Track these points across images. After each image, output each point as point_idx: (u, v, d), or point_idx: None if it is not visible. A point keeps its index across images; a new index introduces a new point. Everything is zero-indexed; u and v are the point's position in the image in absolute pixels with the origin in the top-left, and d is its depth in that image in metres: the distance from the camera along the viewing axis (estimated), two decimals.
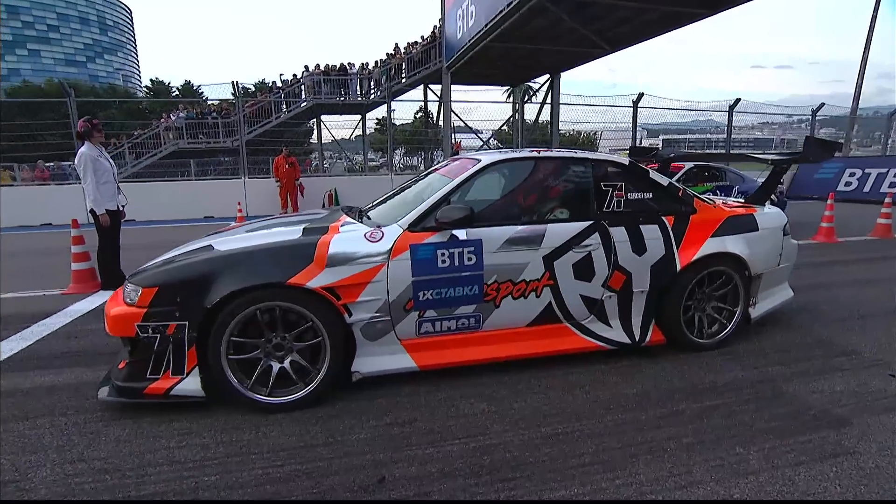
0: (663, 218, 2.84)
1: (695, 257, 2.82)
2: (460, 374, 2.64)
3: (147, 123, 18.73)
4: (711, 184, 7.52)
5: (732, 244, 2.93)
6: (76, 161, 4.48)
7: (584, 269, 2.67)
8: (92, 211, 4.51)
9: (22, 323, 3.65)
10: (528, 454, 1.96)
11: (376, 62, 19.28)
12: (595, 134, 18.62)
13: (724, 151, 5.37)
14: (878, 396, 2.41)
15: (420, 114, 23.14)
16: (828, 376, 2.64)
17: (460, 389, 2.52)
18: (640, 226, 2.78)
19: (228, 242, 2.52)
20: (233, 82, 11.40)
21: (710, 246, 2.87)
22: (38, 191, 11.68)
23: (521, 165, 2.87)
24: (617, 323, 2.84)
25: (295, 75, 19.30)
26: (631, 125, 14.80)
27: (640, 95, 12.41)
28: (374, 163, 26.55)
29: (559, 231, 2.63)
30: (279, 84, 19.53)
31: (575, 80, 27.53)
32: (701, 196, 3.18)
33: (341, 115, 20.90)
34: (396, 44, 19.35)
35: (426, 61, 18.43)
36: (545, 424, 2.18)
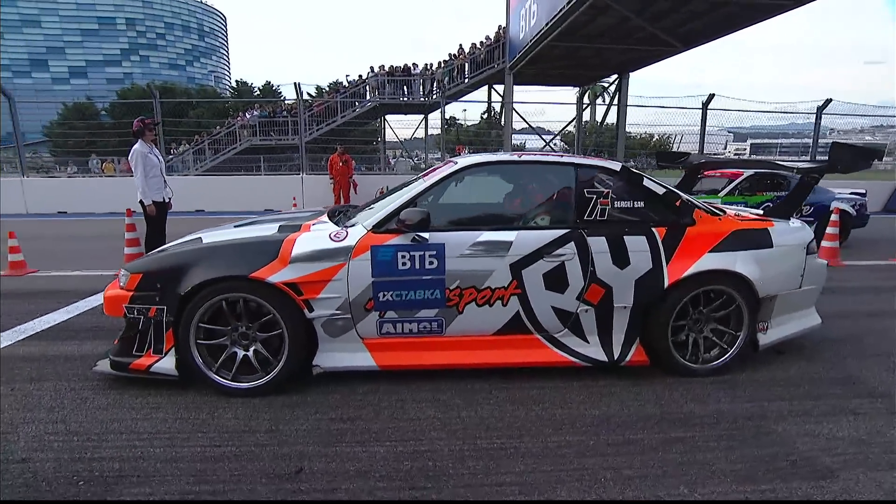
0: (653, 229, 2.63)
1: (685, 273, 2.58)
2: (425, 377, 2.64)
3: (228, 121, 20.51)
4: (772, 193, 6.77)
5: (734, 261, 2.64)
6: (129, 156, 5.04)
7: (556, 280, 2.55)
8: (141, 202, 5.05)
9: (73, 298, 4.20)
10: (451, 466, 1.93)
11: (440, 63, 19.57)
12: (668, 137, 17.53)
13: (756, 158, 4.84)
14: (886, 449, 2.06)
15: (487, 115, 23.21)
16: (834, 419, 2.30)
17: (417, 393, 2.52)
18: (625, 236, 2.59)
19: (214, 236, 2.73)
20: (295, 84, 12.14)
21: (707, 262, 2.61)
22: (127, 182, 13.26)
23: (500, 169, 2.81)
24: (595, 339, 2.68)
25: (360, 76, 20.12)
26: (710, 128, 13.69)
27: (711, 97, 11.45)
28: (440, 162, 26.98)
29: (529, 238, 2.53)
30: (346, 84, 20.44)
31: (655, 80, 26.01)
32: (709, 206, 2.90)
33: (405, 114, 21.52)
34: (461, 44, 19.50)
35: (489, 62, 18.43)
36: (484, 437, 2.12)
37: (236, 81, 38.39)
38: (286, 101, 21.63)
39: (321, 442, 2.09)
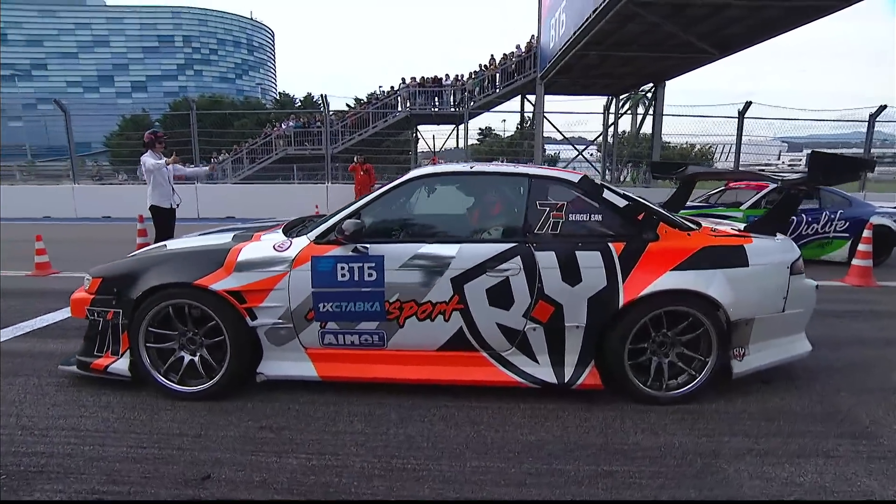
0: (609, 244, 2.50)
1: (642, 293, 2.42)
2: (369, 390, 2.62)
3: (265, 132, 21.48)
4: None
5: (699, 280, 2.46)
6: (143, 165, 5.36)
7: (500, 296, 2.47)
8: (151, 207, 5.36)
9: None
10: (355, 484, 1.89)
11: (470, 73, 19.72)
12: (711, 148, 16.80)
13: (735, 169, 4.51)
14: (854, 496, 1.83)
15: (520, 125, 23.16)
16: (802, 461, 2.08)
17: (355, 406, 2.50)
18: (577, 252, 2.47)
19: (177, 244, 2.85)
20: (322, 96, 12.58)
21: (667, 281, 2.45)
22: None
23: (451, 180, 2.77)
24: (546, 359, 2.56)
25: (392, 87, 20.60)
26: (761, 138, 12.94)
27: (747, 105, 10.88)
28: None
29: (472, 252, 2.47)
30: (377, 95, 20.96)
31: (701, 88, 24.97)
32: (682, 221, 2.74)
33: (436, 124, 21.80)
34: (492, 55, 19.60)
35: (521, 72, 18.40)
36: (402, 457, 2.07)
37: (279, 93, 40.29)
38: (321, 112, 22.46)
39: (241, 450, 2.11)
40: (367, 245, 2.49)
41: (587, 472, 1.98)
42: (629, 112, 20.71)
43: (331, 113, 21.22)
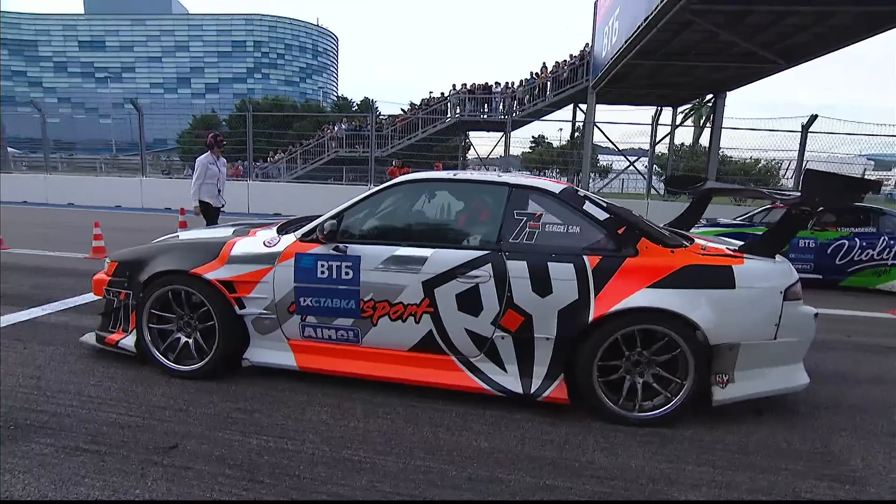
0: (584, 257, 2.48)
1: (612, 309, 2.39)
2: (345, 383, 2.75)
3: (319, 134, 22.51)
4: (848, 230, 5.80)
5: (676, 299, 2.39)
6: (196, 162, 5.85)
7: (469, 302, 2.52)
8: (200, 202, 5.81)
9: None
10: (300, 468, 2.02)
11: (521, 81, 19.70)
12: (778, 163, 15.75)
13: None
14: None
15: (571, 134, 22.85)
16: (764, 499, 1.97)
17: (327, 397, 2.65)
18: (550, 263, 2.48)
19: (187, 235, 3.14)
20: (368, 100, 13.07)
21: (639, 298, 2.40)
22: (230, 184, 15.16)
23: (435, 187, 2.86)
24: (514, 369, 2.58)
25: (442, 93, 20.96)
26: (844, 155, 11.96)
27: (812, 118, 10.11)
28: None
29: (444, 257, 2.55)
30: (427, 101, 21.38)
31: (774, 100, 23.48)
32: (671, 236, 2.67)
33: (486, 131, 21.95)
34: (544, 63, 19.48)
35: (572, 80, 18.16)
36: (353, 449, 2.18)
37: (336, 97, 42.06)
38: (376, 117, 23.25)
39: (212, 426, 2.30)
40: (347, 245, 2.63)
41: (526, 485, 1.99)
42: (688, 124, 19.85)
43: (382, 116, 22.04)
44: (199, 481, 1.90)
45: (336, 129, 21.46)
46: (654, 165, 22.31)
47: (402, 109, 25.44)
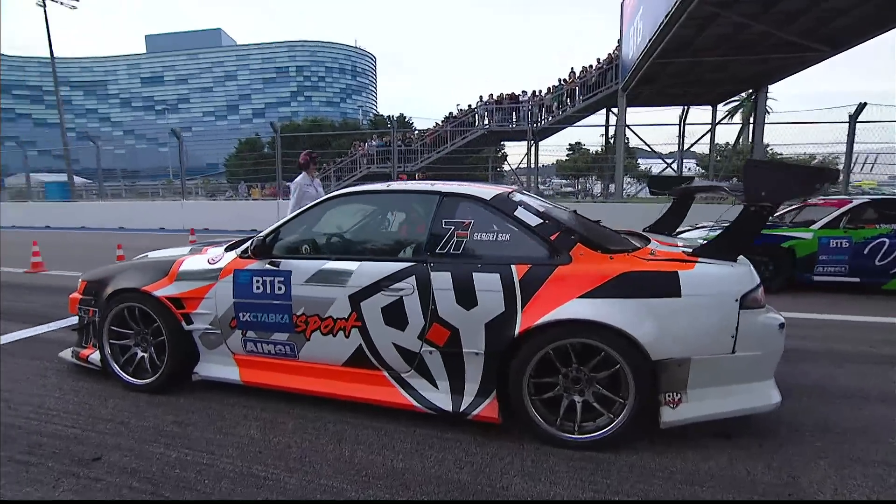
0: (512, 267, 2.38)
1: (538, 322, 2.27)
2: (291, 399, 2.76)
3: (351, 151, 23.23)
4: (888, 226, 5.22)
5: (608, 310, 2.23)
6: (292, 185, 5.49)
7: (395, 316, 2.49)
8: None
9: None
10: (205, 482, 2.06)
11: (548, 88, 19.49)
12: (835, 158, 14.60)
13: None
14: None
15: (607, 139, 22.33)
16: None
17: (265, 412, 2.68)
18: (475, 273, 2.40)
19: (153, 254, 3.31)
20: (389, 117, 13.37)
21: (569, 310, 2.26)
22: (259, 205, 15.93)
23: (367, 199, 2.89)
24: (446, 385, 2.50)
25: (470, 105, 21.11)
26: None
27: (861, 107, 9.28)
28: (569, 188, 26.55)
29: (369, 270, 2.53)
30: (455, 114, 21.58)
31: (826, 91, 21.83)
32: (616, 240, 2.52)
33: (516, 141, 21.84)
34: (572, 68, 19.19)
35: (601, 84, 17.78)
36: (262, 464, 2.20)
37: (372, 114, 43.41)
38: (402, 132, 23.76)
39: (142, 439, 2.40)
40: (280, 260, 2.68)
41: None
42: (735, 120, 18.80)
43: (413, 131, 22.40)
44: (105, 494, 1.97)
45: (366, 145, 22.08)
46: (697, 167, 21.28)
47: (438, 123, 25.83)
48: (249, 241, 2.80)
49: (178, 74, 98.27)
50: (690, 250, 2.51)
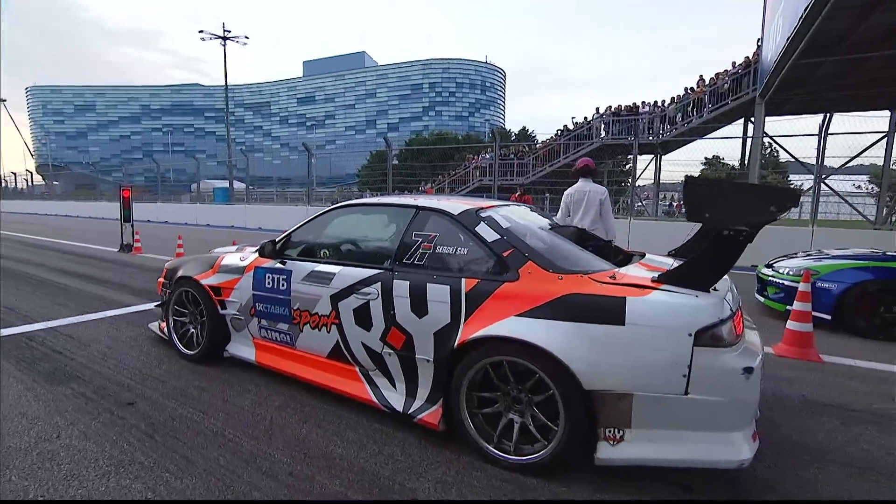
0: (462, 280, 2.51)
1: (472, 336, 2.36)
2: (294, 382, 3.21)
3: (465, 164, 24.08)
4: None
5: (540, 331, 2.22)
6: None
7: (363, 317, 2.77)
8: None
9: None
10: (186, 434, 2.57)
11: (672, 98, 18.08)
12: None
13: None
14: None
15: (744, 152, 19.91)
16: None
17: (265, 389, 3.18)
18: (429, 284, 2.58)
19: (218, 250, 4.11)
20: (492, 131, 13.71)
21: (502, 327, 2.31)
22: None
23: (361, 210, 3.25)
24: (402, 387, 2.71)
25: (586, 117, 20.52)
26: None
27: None
28: None
29: (348, 274, 2.86)
30: (570, 127, 21.12)
31: None
32: (574, 260, 2.49)
33: (635, 154, 20.62)
34: (701, 76, 17.56)
35: (735, 91, 16.01)
36: (235, 429, 2.66)
37: (494, 127, 44.28)
38: (521, 145, 23.95)
39: (167, 395, 3.05)
40: (286, 260, 3.18)
41: (330, 491, 2.15)
42: None
43: (534, 143, 22.32)
44: (118, 426, 2.62)
45: (480, 158, 22.73)
46: (870, 183, 17.80)
47: (553, 135, 25.51)
48: (266, 244, 3.36)
49: (327, 94, 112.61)
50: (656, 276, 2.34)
